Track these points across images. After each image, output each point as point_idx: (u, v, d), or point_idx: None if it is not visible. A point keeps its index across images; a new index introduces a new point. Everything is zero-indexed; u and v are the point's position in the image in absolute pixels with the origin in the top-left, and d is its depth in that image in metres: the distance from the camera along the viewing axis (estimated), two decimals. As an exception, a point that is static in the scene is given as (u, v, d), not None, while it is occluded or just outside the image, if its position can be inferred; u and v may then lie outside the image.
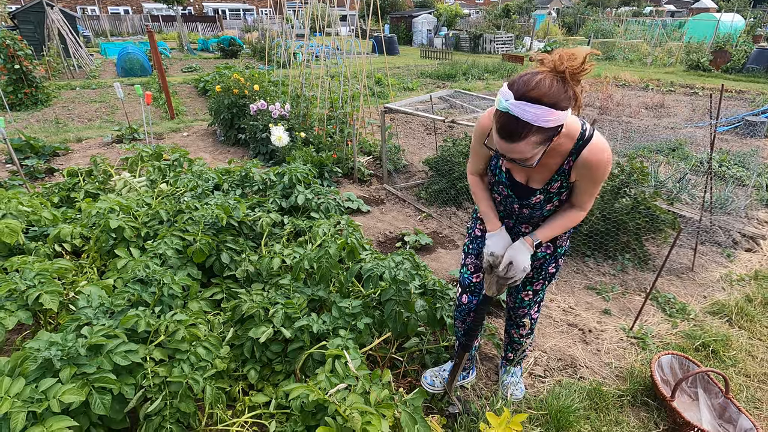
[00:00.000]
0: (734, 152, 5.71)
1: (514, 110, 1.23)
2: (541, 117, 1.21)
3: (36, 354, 1.53)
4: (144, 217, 2.81)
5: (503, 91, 1.27)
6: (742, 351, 2.52)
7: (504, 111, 1.25)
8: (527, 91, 1.21)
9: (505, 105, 1.24)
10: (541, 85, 1.21)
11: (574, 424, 2.04)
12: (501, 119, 1.27)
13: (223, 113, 6.18)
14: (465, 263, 2.01)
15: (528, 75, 1.25)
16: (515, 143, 1.28)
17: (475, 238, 1.94)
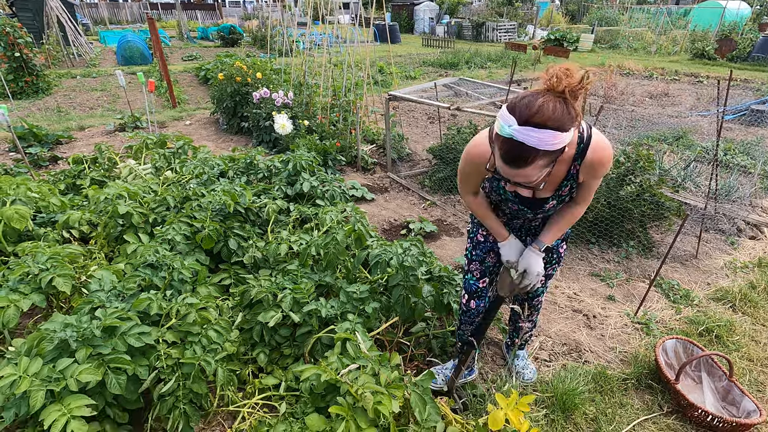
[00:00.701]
0: (739, 141, 5.69)
1: (518, 136, 1.19)
2: (547, 141, 1.18)
3: (52, 335, 1.55)
4: (152, 204, 2.82)
5: (504, 115, 1.22)
6: (746, 336, 2.55)
7: (508, 137, 1.21)
8: (531, 116, 1.17)
9: (509, 131, 1.19)
10: (544, 109, 1.17)
11: (579, 406, 2.07)
12: (505, 145, 1.23)
13: (226, 101, 6.15)
14: (470, 269, 1.98)
15: (528, 98, 1.21)
16: (521, 169, 1.26)
17: (478, 243, 1.92)
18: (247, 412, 2.03)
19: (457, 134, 4.51)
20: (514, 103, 1.23)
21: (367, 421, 1.56)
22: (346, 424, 1.51)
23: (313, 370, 1.72)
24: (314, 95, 6.08)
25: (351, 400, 1.67)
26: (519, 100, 1.22)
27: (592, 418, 2.05)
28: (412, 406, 1.67)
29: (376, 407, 1.57)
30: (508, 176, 1.33)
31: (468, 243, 2.00)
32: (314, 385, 2.09)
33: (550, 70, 1.22)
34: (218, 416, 2.04)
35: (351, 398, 1.68)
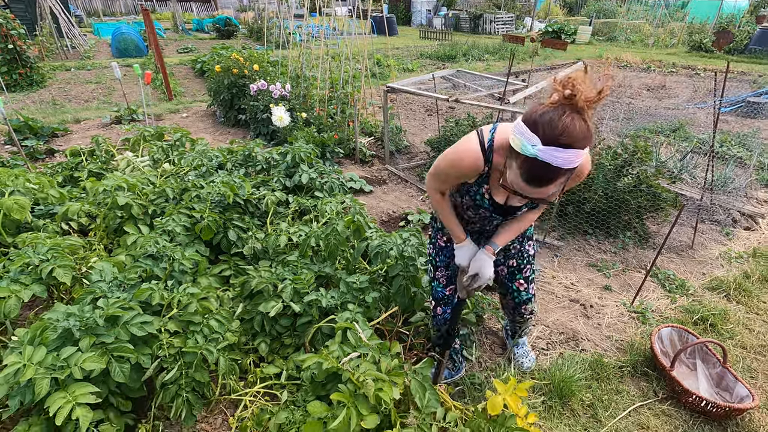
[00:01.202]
0: (735, 133, 5.72)
1: (543, 156, 1.15)
2: (571, 161, 1.16)
3: (56, 324, 1.56)
4: (151, 195, 2.82)
5: (526, 133, 1.17)
6: (740, 324, 2.59)
7: (531, 157, 1.17)
8: (557, 137, 1.13)
9: (533, 151, 1.16)
10: (570, 129, 1.13)
11: (576, 393, 2.10)
12: (526, 164, 1.20)
13: (223, 94, 6.12)
14: (436, 276, 1.99)
15: (550, 114, 1.15)
16: (542, 188, 1.24)
17: (441, 249, 1.94)
18: (249, 401, 2.05)
19: (455, 126, 4.51)
20: (534, 119, 1.17)
21: (368, 408, 1.58)
22: (347, 410, 1.53)
23: (314, 359, 1.74)
24: (311, 87, 6.05)
25: (352, 388, 1.69)
26: (539, 116, 1.16)
27: (588, 404, 2.09)
28: (412, 393, 1.70)
29: (377, 394, 1.59)
30: (525, 193, 1.29)
31: (430, 248, 2.00)
32: (315, 374, 2.12)
33: (563, 81, 1.16)
34: (220, 404, 2.06)
35: (352, 386, 1.70)
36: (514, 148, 1.23)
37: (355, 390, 1.68)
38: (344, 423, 1.49)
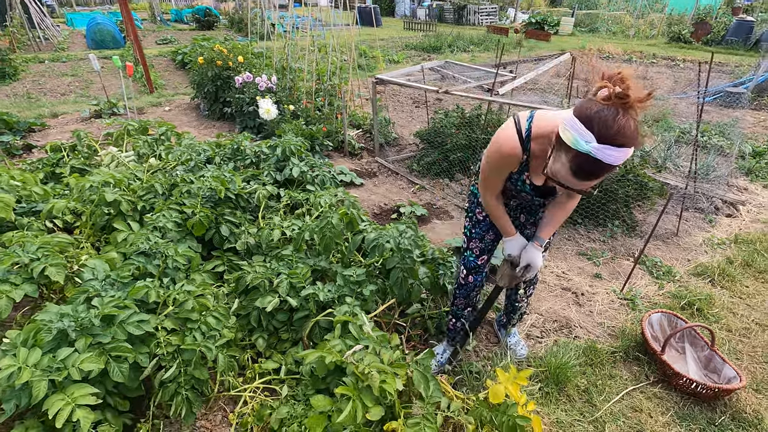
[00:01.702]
0: (715, 122, 5.87)
1: (597, 154, 1.18)
2: (621, 159, 1.20)
3: (50, 325, 1.52)
4: (139, 191, 2.75)
5: (580, 129, 1.19)
6: (724, 308, 2.68)
7: (584, 153, 1.20)
8: (612, 136, 1.16)
9: (587, 148, 1.19)
10: (625, 129, 1.16)
11: (571, 379, 2.15)
12: (578, 159, 1.23)
13: (207, 86, 5.99)
14: (470, 247, 2.04)
15: (605, 113, 1.17)
16: (590, 181, 1.28)
17: (478, 222, 1.98)
18: (248, 397, 2.04)
19: (444, 117, 4.52)
20: (589, 116, 1.19)
21: (372, 400, 1.59)
22: (353, 403, 1.53)
23: (316, 354, 1.74)
24: (297, 80, 5.97)
25: (354, 380, 1.69)
26: (595, 113, 1.18)
27: (583, 389, 2.14)
28: (415, 384, 1.71)
29: (381, 386, 1.60)
30: (570, 185, 1.33)
31: (466, 222, 2.05)
32: (315, 368, 2.12)
33: (613, 77, 1.20)
34: (219, 401, 2.05)
35: (354, 378, 1.70)
36: (564, 141, 1.24)
37: (357, 382, 1.69)
38: (350, 416, 1.50)
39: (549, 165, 1.36)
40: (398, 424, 1.67)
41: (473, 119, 4.34)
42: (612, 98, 1.17)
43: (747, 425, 1.95)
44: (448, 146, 4.31)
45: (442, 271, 2.47)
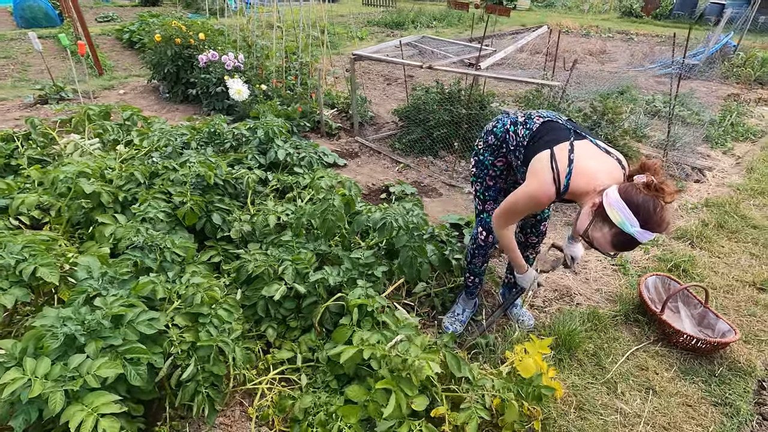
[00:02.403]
0: (672, 94, 6.16)
1: (639, 237, 1.44)
2: (651, 238, 1.46)
3: (55, 331, 1.38)
4: (118, 181, 2.53)
5: (627, 213, 1.41)
6: (706, 268, 2.85)
7: (628, 233, 1.43)
8: (653, 226, 1.41)
9: (632, 231, 1.42)
10: (663, 220, 1.42)
11: (580, 345, 2.23)
12: (620, 236, 1.47)
13: (167, 66, 5.57)
14: (485, 209, 2.15)
15: (649, 203, 1.40)
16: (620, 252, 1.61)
17: (489, 187, 2.10)
18: (266, 388, 1.97)
19: (425, 94, 4.46)
20: (636, 203, 1.41)
21: (413, 389, 1.57)
22: (396, 396, 1.51)
23: (353, 350, 1.68)
24: (264, 58, 5.68)
25: (391, 371, 1.65)
26: (641, 202, 1.40)
27: (592, 353, 2.23)
28: (448, 366, 1.71)
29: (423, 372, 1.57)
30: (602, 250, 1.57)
31: (477, 186, 2.14)
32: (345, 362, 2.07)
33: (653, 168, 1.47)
34: (235, 396, 1.96)
35: (390, 370, 1.66)
36: (611, 218, 1.46)
37: (394, 373, 1.65)
38: (395, 409, 1.47)
39: (588, 231, 1.56)
40: (444, 409, 1.66)
41: (454, 95, 4.31)
42: (651, 187, 1.41)
43: (742, 374, 2.10)
44: (432, 123, 4.27)
45: (450, 247, 2.47)
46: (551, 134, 1.72)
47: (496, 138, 1.98)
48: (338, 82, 6.38)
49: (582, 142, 1.67)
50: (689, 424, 1.89)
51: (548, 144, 1.67)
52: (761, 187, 3.85)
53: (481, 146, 2.07)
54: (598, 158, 1.65)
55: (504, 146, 1.95)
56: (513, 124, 1.90)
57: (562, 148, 1.63)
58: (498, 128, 1.97)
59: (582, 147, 1.65)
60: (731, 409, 1.94)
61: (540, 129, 1.79)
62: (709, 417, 1.92)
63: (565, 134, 1.70)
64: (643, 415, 1.93)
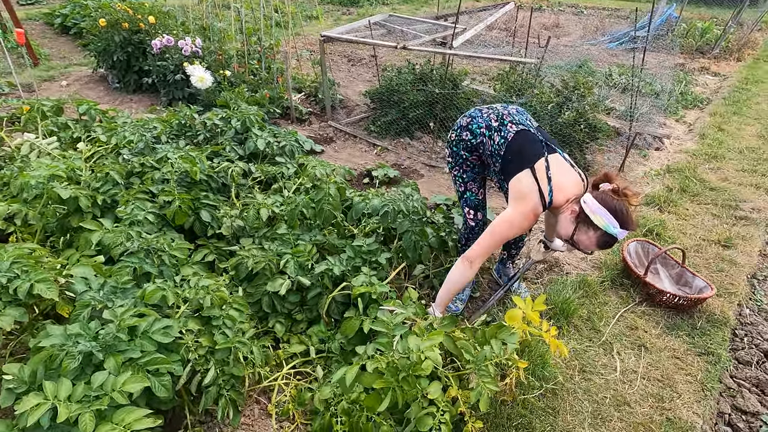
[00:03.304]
0: (627, 65, 6.46)
1: (619, 236, 1.72)
2: (625, 235, 1.74)
3: (70, 350, 1.29)
4: (93, 183, 2.36)
5: (608, 217, 1.68)
6: (676, 230, 3.08)
7: (612, 234, 1.71)
8: (628, 224, 1.70)
9: (615, 232, 1.70)
10: (632, 219, 1.72)
11: (575, 312, 2.36)
12: (605, 237, 1.74)
13: (116, 54, 5.16)
14: (468, 188, 2.22)
15: (621, 206, 1.69)
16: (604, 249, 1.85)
17: (465, 170, 2.19)
18: (282, 384, 1.95)
19: (398, 75, 4.42)
20: (614, 208, 1.68)
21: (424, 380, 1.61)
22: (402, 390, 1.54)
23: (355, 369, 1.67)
24: (223, 41, 5.39)
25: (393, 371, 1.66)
26: (616, 206, 1.68)
27: (586, 318, 2.37)
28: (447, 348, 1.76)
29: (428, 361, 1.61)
30: (587, 250, 1.85)
31: (456, 171, 2.21)
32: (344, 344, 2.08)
33: (614, 177, 1.79)
34: (252, 395, 1.94)
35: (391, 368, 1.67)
36: (595, 223, 1.71)
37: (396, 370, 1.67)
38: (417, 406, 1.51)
39: (574, 236, 1.81)
40: (455, 390, 1.72)
41: (426, 74, 4.31)
42: (618, 192, 1.72)
43: (720, 324, 2.31)
44: (406, 104, 4.25)
45: (449, 228, 2.51)
46: (527, 148, 1.88)
47: (471, 134, 2.05)
48: (302, 64, 6.18)
49: (553, 157, 1.87)
50: (680, 374, 2.07)
51: (526, 162, 1.84)
52: (713, 152, 4.16)
53: (453, 137, 2.14)
54: (567, 173, 1.88)
55: (480, 148, 2.04)
56: (488, 129, 1.99)
57: (540, 168, 1.82)
58: (473, 126, 2.04)
59: (554, 162, 1.86)
60: (713, 357, 2.14)
61: (515, 139, 1.90)
62: (696, 366, 2.11)
63: (539, 148, 1.87)
64: (638, 370, 2.09)
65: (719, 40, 7.82)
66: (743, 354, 2.25)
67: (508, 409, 1.88)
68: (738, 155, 4.15)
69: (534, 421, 1.84)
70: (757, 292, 2.67)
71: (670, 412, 1.89)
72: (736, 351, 2.28)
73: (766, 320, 2.48)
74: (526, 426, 1.82)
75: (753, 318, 2.48)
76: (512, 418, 1.84)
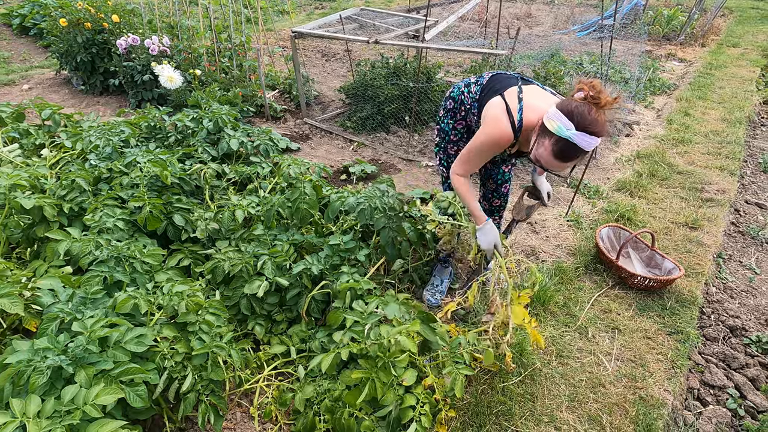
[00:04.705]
0: (597, 53, 6.57)
1: (575, 139, 1.46)
2: (593, 145, 1.49)
3: (37, 365, 1.26)
4: (59, 191, 2.29)
5: (561, 118, 1.46)
6: (646, 215, 3.17)
7: (565, 138, 1.47)
8: (587, 125, 1.45)
9: (568, 134, 1.46)
10: (598, 121, 1.46)
11: (551, 298, 2.42)
12: (559, 144, 1.50)
13: (79, 55, 4.98)
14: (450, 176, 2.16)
15: (582, 108, 1.46)
16: (567, 163, 1.56)
17: (451, 156, 2.20)
18: (264, 386, 1.95)
19: (371, 70, 4.40)
20: (570, 109, 1.47)
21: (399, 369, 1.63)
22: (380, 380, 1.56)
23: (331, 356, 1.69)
24: (191, 39, 5.26)
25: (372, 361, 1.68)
26: (575, 107, 1.46)
27: (562, 304, 2.43)
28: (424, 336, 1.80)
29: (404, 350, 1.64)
30: (551, 167, 1.60)
31: (441, 155, 2.24)
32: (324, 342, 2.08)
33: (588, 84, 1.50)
34: (234, 399, 1.93)
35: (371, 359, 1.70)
36: (548, 129, 1.51)
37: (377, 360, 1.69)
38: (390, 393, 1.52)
39: (533, 150, 1.63)
40: (432, 378, 1.75)
41: (400, 68, 4.30)
42: (588, 98, 1.48)
43: (688, 303, 2.40)
44: (381, 99, 4.24)
45: (423, 222, 2.52)
46: (500, 83, 1.83)
47: (453, 101, 2.07)
48: (274, 61, 6.08)
49: (530, 86, 1.79)
50: (651, 354, 2.15)
51: (498, 92, 1.78)
52: (680, 136, 4.29)
53: (441, 113, 2.16)
54: (545, 98, 1.74)
55: (462, 107, 2.02)
56: (467, 86, 2.01)
57: (512, 92, 1.73)
58: (454, 92, 2.07)
59: (530, 89, 1.76)
60: (682, 336, 2.23)
61: (489, 81, 1.90)
62: (666, 345, 2.19)
63: (513, 81, 1.81)
64: (612, 352, 2.16)
65: (685, 27, 8.03)
66: (710, 331, 2.34)
67: (487, 397, 1.92)
68: (704, 139, 4.29)
69: (513, 407, 1.89)
70: (723, 270, 2.78)
71: (642, 391, 1.96)
72: (704, 328, 2.37)
73: (731, 297, 2.59)
74: (506, 413, 1.86)
75: (719, 296, 2.58)
76: (492, 406, 1.88)
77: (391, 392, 1.63)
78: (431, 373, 1.79)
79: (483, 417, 1.84)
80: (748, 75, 6.05)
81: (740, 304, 2.54)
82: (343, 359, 1.72)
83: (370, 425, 1.63)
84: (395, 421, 1.66)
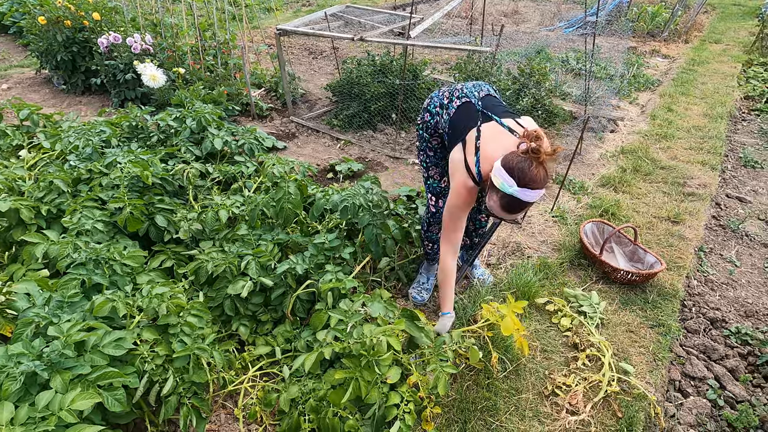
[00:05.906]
0: (582, 50, 6.62)
1: (518, 195, 1.55)
2: (535, 197, 1.58)
3: (10, 371, 1.23)
4: (36, 193, 2.24)
5: (504, 176, 1.55)
6: (629, 209, 3.21)
7: (510, 194, 1.56)
8: (528, 183, 1.53)
9: (511, 191, 1.55)
10: (537, 177, 1.53)
11: (536, 294, 2.43)
12: (504, 199, 1.60)
13: (60, 54, 4.89)
14: (431, 174, 2.20)
15: (523, 164, 1.52)
16: (515, 214, 1.69)
17: (429, 156, 2.17)
18: (248, 387, 1.93)
19: (357, 67, 4.38)
20: (511, 167, 1.55)
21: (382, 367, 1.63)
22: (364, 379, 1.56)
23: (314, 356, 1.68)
24: (175, 37, 5.19)
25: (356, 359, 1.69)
26: (515, 164, 1.54)
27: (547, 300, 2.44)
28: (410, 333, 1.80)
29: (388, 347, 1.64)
30: (498, 215, 1.71)
31: (422, 155, 2.20)
32: (309, 342, 2.08)
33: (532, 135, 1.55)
34: (218, 401, 1.91)
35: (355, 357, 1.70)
36: (495, 185, 1.61)
37: (361, 357, 1.69)
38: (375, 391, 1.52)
39: (486, 201, 1.73)
40: (416, 376, 1.75)
41: (386, 66, 4.29)
42: (528, 153, 1.53)
43: (670, 297, 2.44)
44: (367, 96, 4.22)
45: (411, 219, 2.52)
46: (462, 121, 1.86)
47: (430, 116, 2.05)
48: (260, 58, 6.03)
49: (488, 125, 1.80)
50: (634, 347, 2.17)
51: (459, 136, 1.84)
52: (663, 132, 4.34)
53: (419, 122, 2.14)
54: (498, 140, 1.75)
55: (438, 128, 2.03)
56: (441, 107, 1.99)
57: (470, 139, 1.79)
58: (431, 107, 2.05)
59: (487, 130, 1.78)
60: (664, 329, 2.26)
61: (456, 114, 1.90)
62: (648, 338, 2.22)
63: (474, 119, 1.82)
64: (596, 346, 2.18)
65: (668, 23, 8.13)
66: (692, 323, 2.38)
67: (473, 393, 1.93)
68: (686, 134, 4.35)
69: (498, 402, 1.90)
70: (704, 263, 2.83)
71: (624, 384, 1.99)
72: (685, 321, 2.41)
73: (712, 290, 2.63)
74: (491, 408, 1.87)
75: (700, 288, 2.63)
76: (477, 402, 1.89)
77: (375, 391, 1.64)
78: (416, 371, 1.80)
79: (468, 413, 1.85)
80: (729, 71, 6.14)
81: (720, 296, 2.59)
82: (327, 358, 1.72)
83: (355, 424, 1.63)
84: (380, 419, 1.66)
